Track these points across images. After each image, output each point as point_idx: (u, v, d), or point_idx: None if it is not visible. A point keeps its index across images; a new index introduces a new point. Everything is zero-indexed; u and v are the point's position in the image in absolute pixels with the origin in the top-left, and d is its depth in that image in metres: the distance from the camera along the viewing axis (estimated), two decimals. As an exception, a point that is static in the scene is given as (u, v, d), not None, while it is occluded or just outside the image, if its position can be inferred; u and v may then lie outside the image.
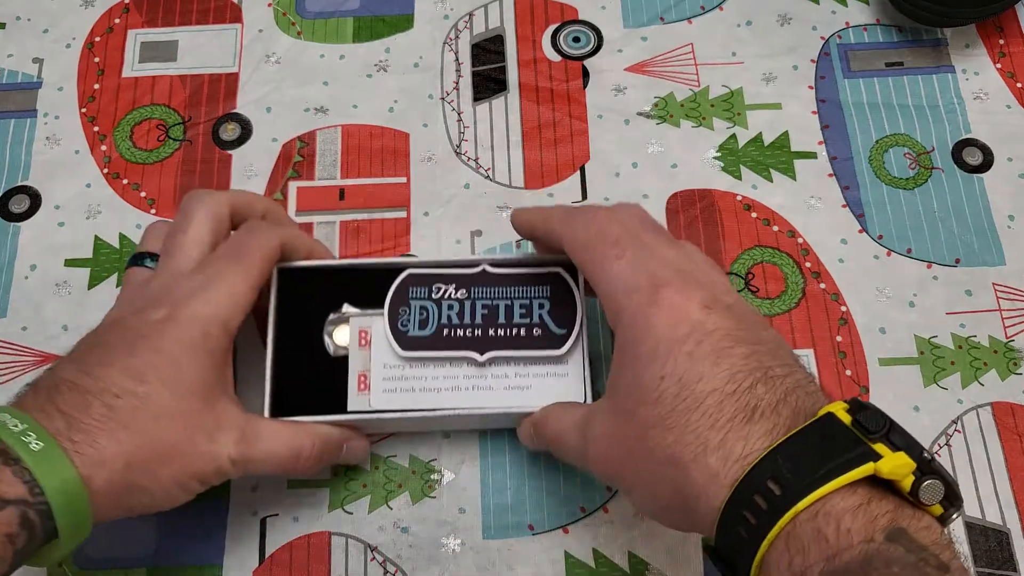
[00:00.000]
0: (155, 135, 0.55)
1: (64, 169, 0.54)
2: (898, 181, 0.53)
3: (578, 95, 0.55)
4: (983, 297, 0.50)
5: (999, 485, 0.45)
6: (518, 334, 0.43)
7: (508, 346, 0.43)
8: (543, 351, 0.43)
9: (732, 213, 0.52)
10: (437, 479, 0.46)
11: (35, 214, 0.53)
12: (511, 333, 0.43)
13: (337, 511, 0.45)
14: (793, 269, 0.50)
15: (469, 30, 0.58)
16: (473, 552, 0.45)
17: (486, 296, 0.44)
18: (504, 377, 0.43)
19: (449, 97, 0.56)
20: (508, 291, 0.44)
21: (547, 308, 0.43)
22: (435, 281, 0.44)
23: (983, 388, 0.48)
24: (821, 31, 0.57)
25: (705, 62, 0.56)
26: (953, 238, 0.51)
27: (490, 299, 0.44)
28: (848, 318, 0.49)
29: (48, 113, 0.56)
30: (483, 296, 0.44)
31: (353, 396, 0.43)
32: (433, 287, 0.44)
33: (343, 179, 0.53)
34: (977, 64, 0.56)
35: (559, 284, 0.44)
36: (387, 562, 0.44)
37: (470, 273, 0.44)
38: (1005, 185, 0.52)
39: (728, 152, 0.54)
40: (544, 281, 0.44)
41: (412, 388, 0.43)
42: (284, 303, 0.45)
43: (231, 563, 0.45)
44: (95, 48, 0.58)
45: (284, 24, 0.58)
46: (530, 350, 0.43)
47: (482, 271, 0.45)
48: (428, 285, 0.44)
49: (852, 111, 0.54)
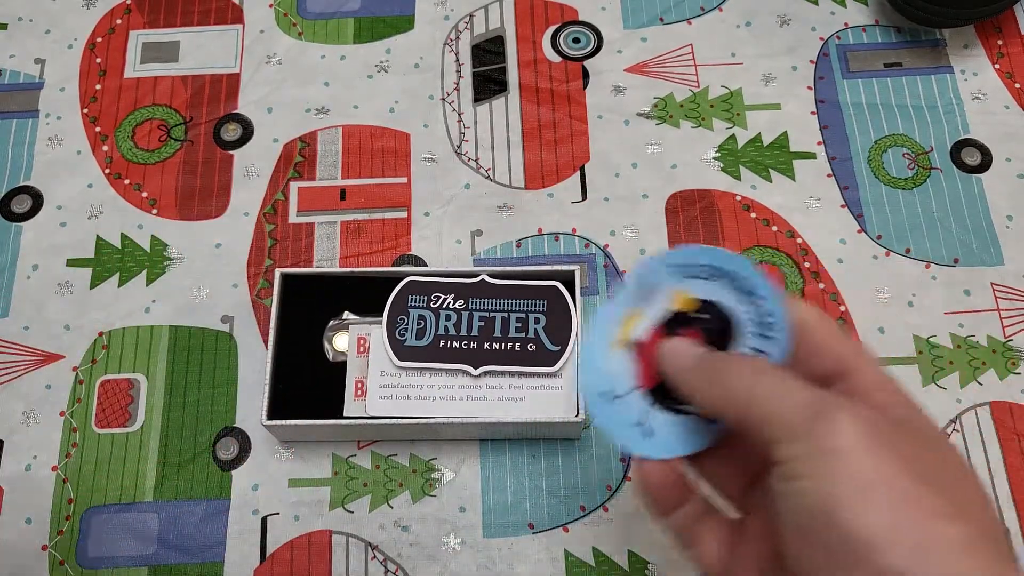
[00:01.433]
0: (156, 135, 0.55)
1: (66, 169, 0.54)
2: (897, 181, 0.53)
3: (578, 96, 0.56)
4: (982, 297, 0.50)
5: (997, 484, 0.46)
6: (512, 349, 0.44)
7: (502, 361, 0.44)
8: (536, 367, 0.43)
9: (731, 213, 0.52)
10: (437, 478, 0.46)
11: (37, 214, 0.53)
12: (506, 348, 0.44)
13: (338, 510, 0.46)
14: (792, 269, 0.51)
15: (469, 31, 0.58)
16: (473, 551, 0.45)
17: (484, 307, 0.45)
18: (498, 388, 0.44)
19: (449, 98, 0.56)
20: (506, 303, 0.45)
21: (543, 323, 0.44)
22: (434, 290, 0.45)
23: (981, 388, 0.48)
24: (820, 32, 0.57)
25: (704, 63, 0.56)
26: (952, 238, 0.51)
27: (487, 310, 0.45)
28: (847, 318, 0.49)
29: (50, 113, 0.56)
30: (481, 307, 0.45)
31: (350, 402, 0.44)
32: (432, 296, 0.45)
33: (344, 179, 0.54)
34: (976, 65, 0.56)
35: (557, 299, 0.45)
36: (388, 561, 0.45)
37: (469, 283, 0.45)
38: (1003, 185, 0.52)
39: (727, 152, 0.54)
40: (542, 295, 0.45)
41: (408, 396, 0.44)
42: (285, 308, 0.46)
43: (232, 562, 0.45)
44: (97, 49, 0.58)
45: (285, 25, 0.58)
46: (523, 366, 0.43)
47: (481, 280, 0.45)
48: (427, 294, 0.45)
49: (851, 111, 0.55)
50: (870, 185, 0.53)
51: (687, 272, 0.31)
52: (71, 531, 0.45)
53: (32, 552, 0.45)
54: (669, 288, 0.31)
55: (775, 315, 0.29)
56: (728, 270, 0.30)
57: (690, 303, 0.31)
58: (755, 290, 0.30)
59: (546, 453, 0.46)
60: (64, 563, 0.45)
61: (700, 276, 0.31)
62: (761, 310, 0.30)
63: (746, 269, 0.30)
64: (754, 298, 0.30)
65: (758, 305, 0.30)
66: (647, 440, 0.30)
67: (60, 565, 0.45)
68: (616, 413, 0.31)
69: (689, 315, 0.31)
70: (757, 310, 0.30)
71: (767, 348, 0.29)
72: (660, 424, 0.30)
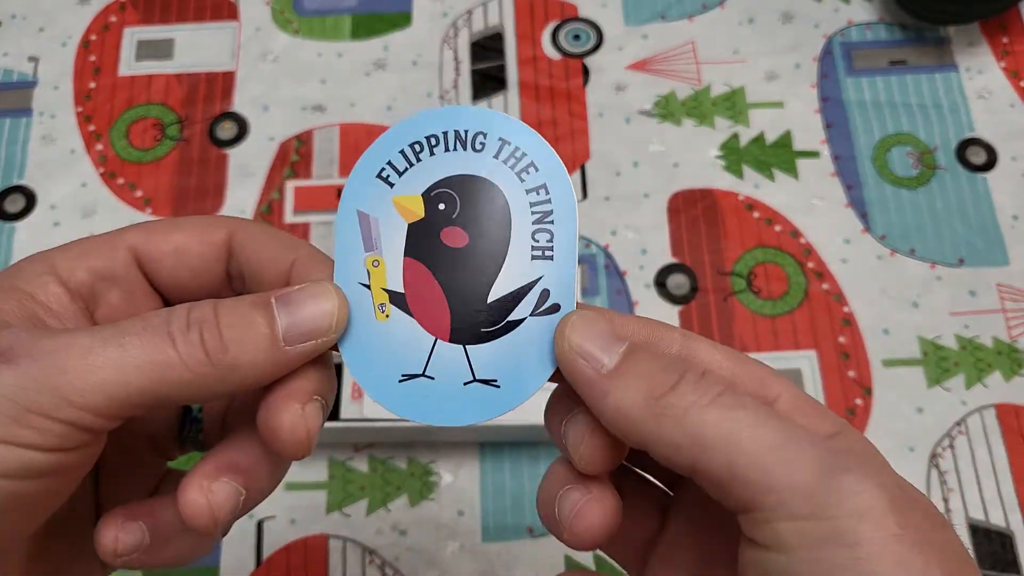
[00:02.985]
0: (151, 134, 0.54)
1: (60, 168, 0.54)
2: (901, 180, 0.52)
3: (578, 93, 0.55)
4: (987, 298, 0.49)
5: (1003, 487, 0.45)
6: None
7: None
8: None
9: (734, 213, 0.51)
10: (436, 481, 0.46)
11: (30, 213, 0.52)
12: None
13: (335, 513, 0.45)
14: (796, 269, 0.50)
15: (468, 28, 0.57)
16: (472, 555, 0.44)
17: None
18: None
19: (448, 95, 0.55)
20: None
21: None
22: None
23: (987, 389, 0.47)
24: (824, 29, 0.57)
25: (706, 60, 0.56)
26: (957, 238, 0.51)
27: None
28: (851, 319, 0.49)
29: (44, 112, 0.55)
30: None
31: (347, 404, 0.44)
32: None
33: (341, 178, 0.53)
34: (981, 63, 0.55)
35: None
36: (385, 565, 0.44)
37: None
38: (1009, 184, 0.52)
39: (730, 151, 0.53)
40: None
41: None
42: None
43: (228, 566, 0.44)
44: (91, 46, 0.57)
45: (281, 22, 0.58)
46: None
47: None
48: None
49: (855, 110, 0.54)
50: (874, 184, 0.52)
51: (405, 156, 0.25)
52: (64, 535, 0.45)
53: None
54: (384, 199, 0.24)
55: (551, 188, 0.23)
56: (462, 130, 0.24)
57: (416, 205, 0.24)
58: (511, 140, 0.24)
59: (546, 456, 0.46)
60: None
61: (431, 147, 0.25)
62: (534, 181, 0.24)
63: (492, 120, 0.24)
64: (520, 165, 0.24)
65: (527, 173, 0.24)
66: (479, 402, 0.24)
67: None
68: (433, 392, 0.24)
69: (435, 214, 0.24)
70: (528, 180, 0.24)
71: (552, 247, 0.24)
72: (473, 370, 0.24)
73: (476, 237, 0.24)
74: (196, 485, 0.22)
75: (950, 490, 0.45)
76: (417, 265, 0.24)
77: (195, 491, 0.22)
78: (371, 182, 0.25)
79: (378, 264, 0.24)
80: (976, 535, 0.44)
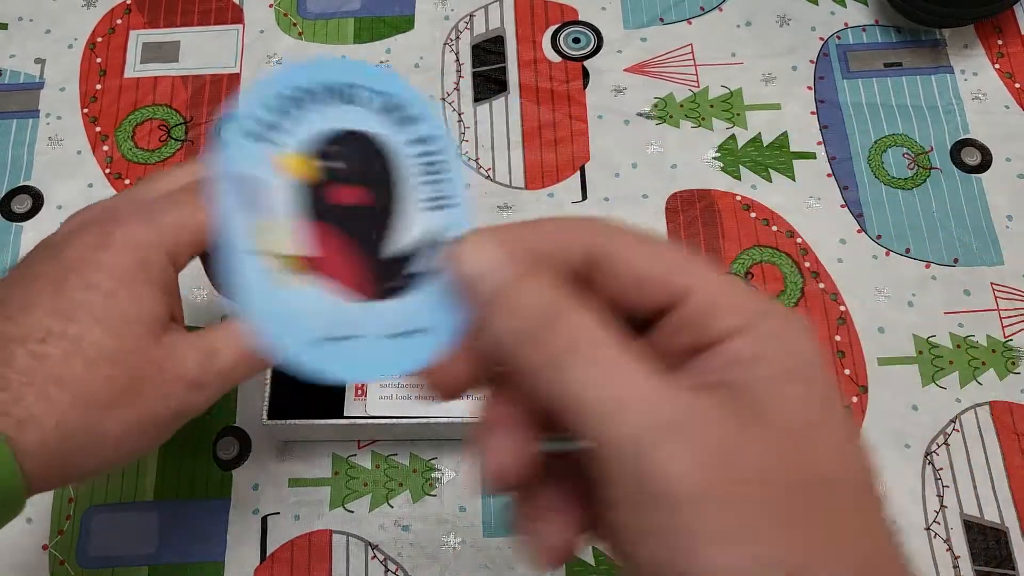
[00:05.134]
0: (157, 135, 0.55)
1: (66, 169, 0.54)
2: (897, 181, 0.53)
3: (578, 96, 0.56)
4: (981, 297, 0.50)
5: (997, 484, 0.46)
6: None
7: None
8: None
9: (731, 213, 0.52)
10: (438, 477, 0.46)
11: (37, 214, 0.53)
12: None
13: (338, 509, 0.46)
14: (792, 269, 0.51)
15: (469, 31, 0.58)
16: (474, 550, 0.45)
17: None
18: None
19: (450, 98, 0.56)
20: None
21: None
22: None
23: (981, 387, 0.48)
24: (820, 32, 0.57)
25: (704, 63, 0.56)
26: (952, 238, 0.51)
27: None
28: (847, 318, 0.49)
29: (50, 113, 0.56)
30: None
31: (350, 402, 0.44)
32: None
33: (344, 179, 0.54)
34: (975, 64, 0.56)
35: None
36: (388, 560, 0.45)
37: None
38: (1003, 185, 0.52)
39: (727, 152, 0.54)
40: None
41: (407, 395, 0.44)
42: None
43: (232, 561, 0.45)
44: (97, 48, 0.58)
45: (285, 25, 0.58)
46: None
47: None
48: None
49: (851, 111, 0.55)
50: (870, 185, 0.53)
51: (289, 109, 0.23)
52: (71, 531, 0.45)
53: (33, 552, 0.45)
54: (263, 160, 0.23)
55: (432, 138, 0.22)
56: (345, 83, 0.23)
57: (305, 167, 0.23)
58: (407, 111, 0.22)
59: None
60: (64, 563, 0.45)
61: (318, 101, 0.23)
62: (427, 146, 0.23)
63: (383, 80, 0.22)
64: (412, 128, 0.23)
65: (423, 142, 0.23)
66: (405, 351, 0.23)
67: (60, 565, 0.45)
68: (358, 348, 0.23)
69: (326, 174, 0.23)
70: (419, 146, 0.23)
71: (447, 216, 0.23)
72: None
73: (366, 193, 0.23)
74: None
75: (945, 487, 0.46)
76: (313, 226, 0.23)
77: None
78: (248, 141, 0.23)
79: (269, 228, 0.23)
80: (971, 531, 0.45)
